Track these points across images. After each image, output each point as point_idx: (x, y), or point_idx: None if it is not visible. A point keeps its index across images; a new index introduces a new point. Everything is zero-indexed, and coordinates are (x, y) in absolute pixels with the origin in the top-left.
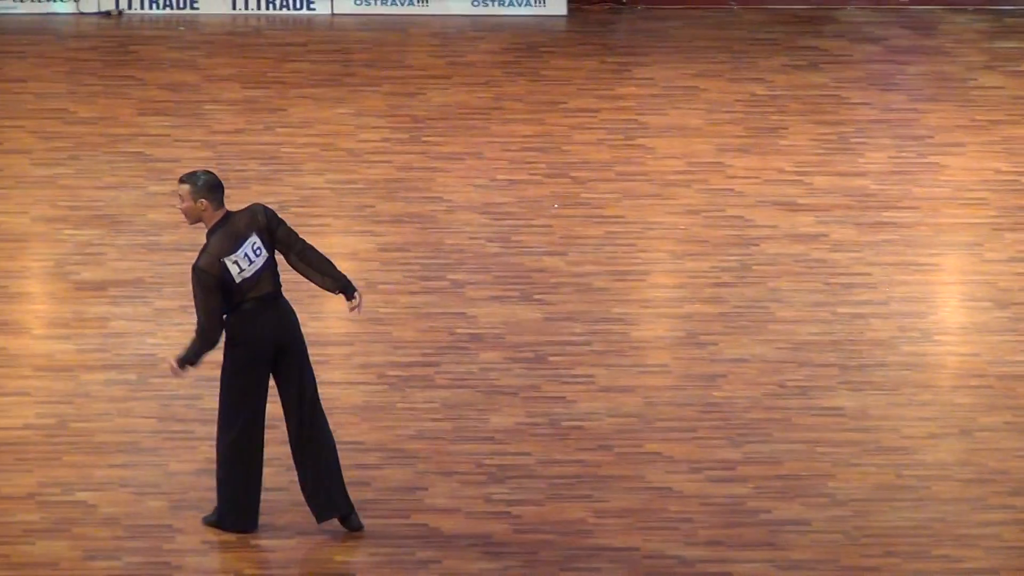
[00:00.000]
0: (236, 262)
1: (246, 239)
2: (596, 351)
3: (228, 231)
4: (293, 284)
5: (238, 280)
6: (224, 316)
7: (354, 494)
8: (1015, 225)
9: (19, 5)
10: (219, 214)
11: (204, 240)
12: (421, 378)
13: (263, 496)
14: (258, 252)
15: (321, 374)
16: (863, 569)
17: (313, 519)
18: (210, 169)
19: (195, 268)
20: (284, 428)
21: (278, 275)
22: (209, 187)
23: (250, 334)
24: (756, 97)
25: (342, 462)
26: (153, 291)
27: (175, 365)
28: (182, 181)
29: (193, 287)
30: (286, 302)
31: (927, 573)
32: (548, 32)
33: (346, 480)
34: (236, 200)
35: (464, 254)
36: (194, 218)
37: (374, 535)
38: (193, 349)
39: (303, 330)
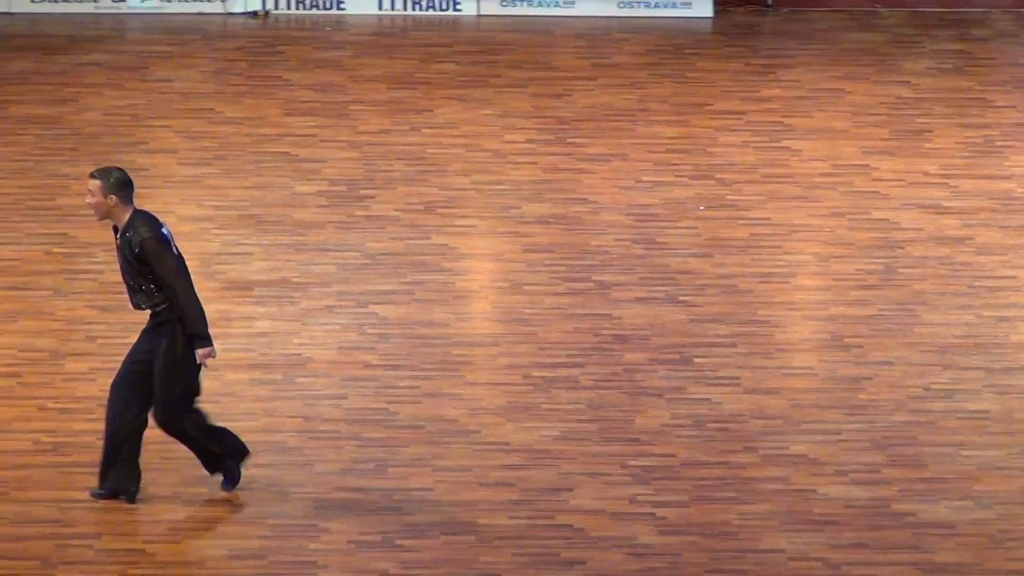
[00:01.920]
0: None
1: None
2: (741, 353)
3: (146, 219)
4: (440, 284)
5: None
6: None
7: (498, 495)
8: None
9: (167, 5)
10: (128, 211)
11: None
12: (566, 379)
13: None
14: None
15: (466, 375)
16: (1009, 572)
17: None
18: (121, 167)
19: (151, 239)
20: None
21: None
22: (120, 184)
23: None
24: (901, 100)
25: (487, 462)
26: (299, 291)
27: (211, 350)
28: (93, 176)
29: (156, 258)
30: None
31: None
32: (693, 34)
33: (490, 481)
34: (382, 200)
35: (609, 255)
36: (103, 213)
37: (519, 535)
38: (197, 319)
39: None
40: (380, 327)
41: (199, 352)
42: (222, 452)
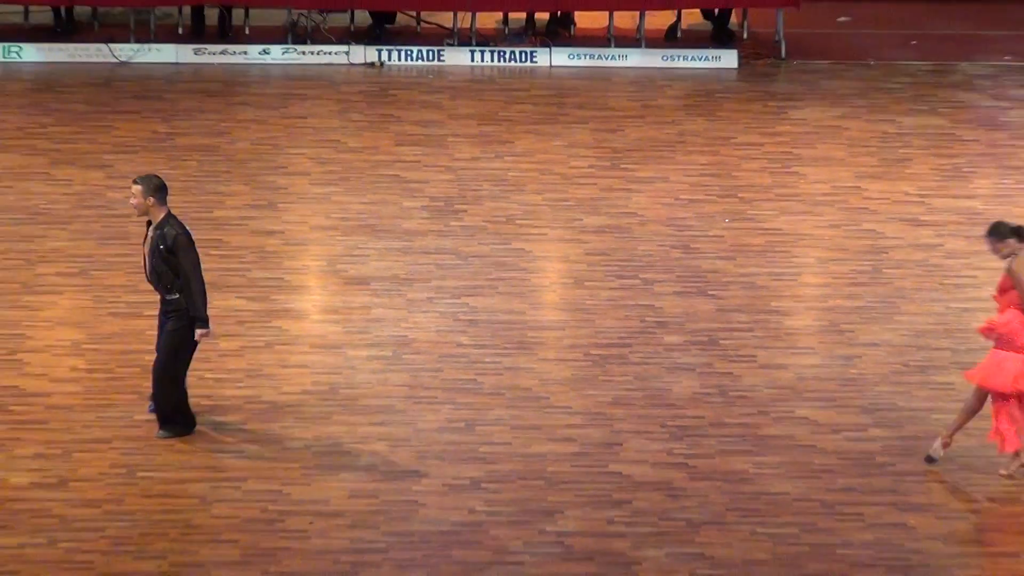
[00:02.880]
0: None
1: None
2: (757, 336)
3: (177, 220)
4: (517, 281)
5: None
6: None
7: (563, 448)
8: None
9: (302, 56)
10: (163, 211)
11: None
12: (617, 356)
13: None
14: None
15: (538, 352)
16: (968, 511)
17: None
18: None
19: (183, 236)
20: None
21: None
22: (157, 188)
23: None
24: (887, 134)
25: (554, 422)
26: (405, 285)
27: (208, 332)
28: (135, 182)
29: (184, 251)
30: None
31: (1014, 517)
32: (722, 81)
33: (557, 437)
34: (472, 213)
35: (652, 258)
36: (142, 212)
37: (579, 480)
38: (202, 305)
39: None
40: (470, 314)
41: (199, 332)
42: (177, 417)
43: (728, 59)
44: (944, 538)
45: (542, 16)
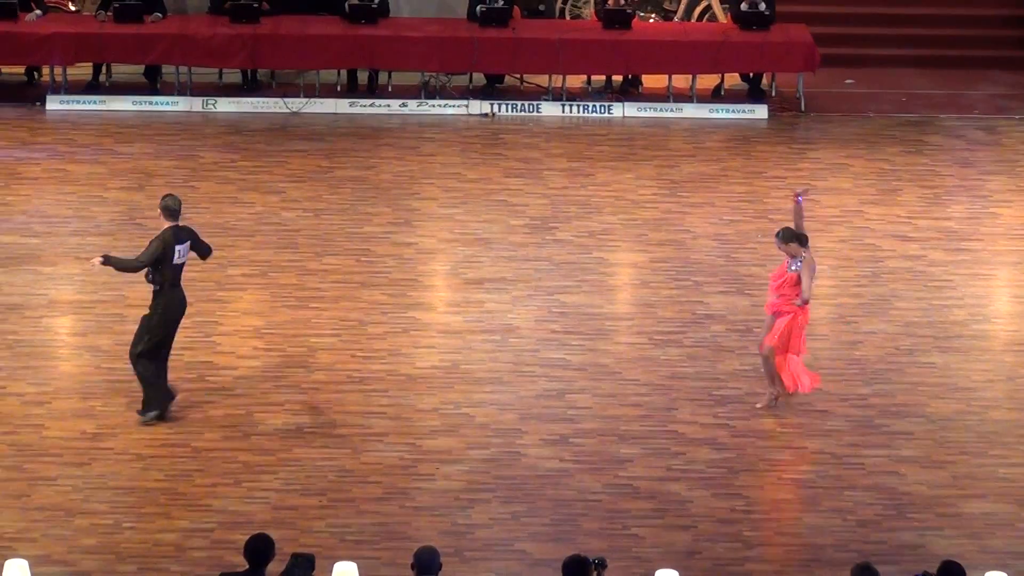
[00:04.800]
0: (178, 250)
1: (185, 242)
2: None
3: (177, 232)
4: (597, 282)
5: (175, 261)
6: (153, 275)
7: (632, 412)
8: None
9: (431, 108)
10: (166, 224)
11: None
12: (674, 341)
13: None
14: (184, 252)
15: (613, 337)
16: (946, 462)
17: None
18: (175, 194)
19: (159, 239)
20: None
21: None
22: (164, 208)
23: (171, 300)
24: (883, 170)
25: (625, 391)
26: (511, 285)
27: (100, 260)
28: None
29: (153, 240)
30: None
31: (982, 466)
32: (755, 129)
33: (627, 403)
34: (563, 230)
35: (702, 264)
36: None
37: (644, 436)
38: (123, 263)
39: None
40: (560, 308)
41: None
42: (154, 396)
43: (760, 112)
44: (927, 483)
45: (617, 78)
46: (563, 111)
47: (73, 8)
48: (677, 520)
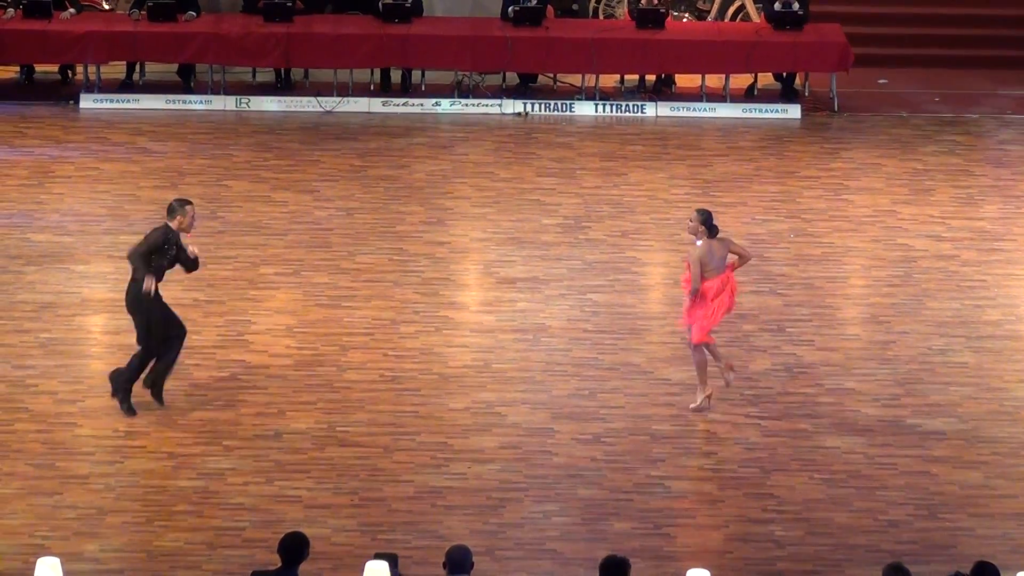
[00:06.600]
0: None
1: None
2: (815, 325)
3: (167, 233)
4: (630, 281)
5: (163, 262)
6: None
7: (663, 411)
8: None
9: (464, 108)
10: (168, 222)
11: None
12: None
13: None
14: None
15: (644, 336)
16: (978, 463)
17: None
18: (184, 198)
19: (153, 230)
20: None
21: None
22: (168, 208)
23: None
24: (916, 170)
25: (656, 391)
26: (543, 284)
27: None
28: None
29: (142, 242)
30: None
31: (1014, 467)
32: (788, 128)
33: (659, 402)
34: (595, 229)
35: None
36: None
37: (675, 436)
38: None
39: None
40: (592, 307)
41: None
42: (130, 385)
43: (793, 111)
44: (960, 483)
45: (650, 77)
46: (596, 110)
47: (107, 7)
48: (708, 520)
